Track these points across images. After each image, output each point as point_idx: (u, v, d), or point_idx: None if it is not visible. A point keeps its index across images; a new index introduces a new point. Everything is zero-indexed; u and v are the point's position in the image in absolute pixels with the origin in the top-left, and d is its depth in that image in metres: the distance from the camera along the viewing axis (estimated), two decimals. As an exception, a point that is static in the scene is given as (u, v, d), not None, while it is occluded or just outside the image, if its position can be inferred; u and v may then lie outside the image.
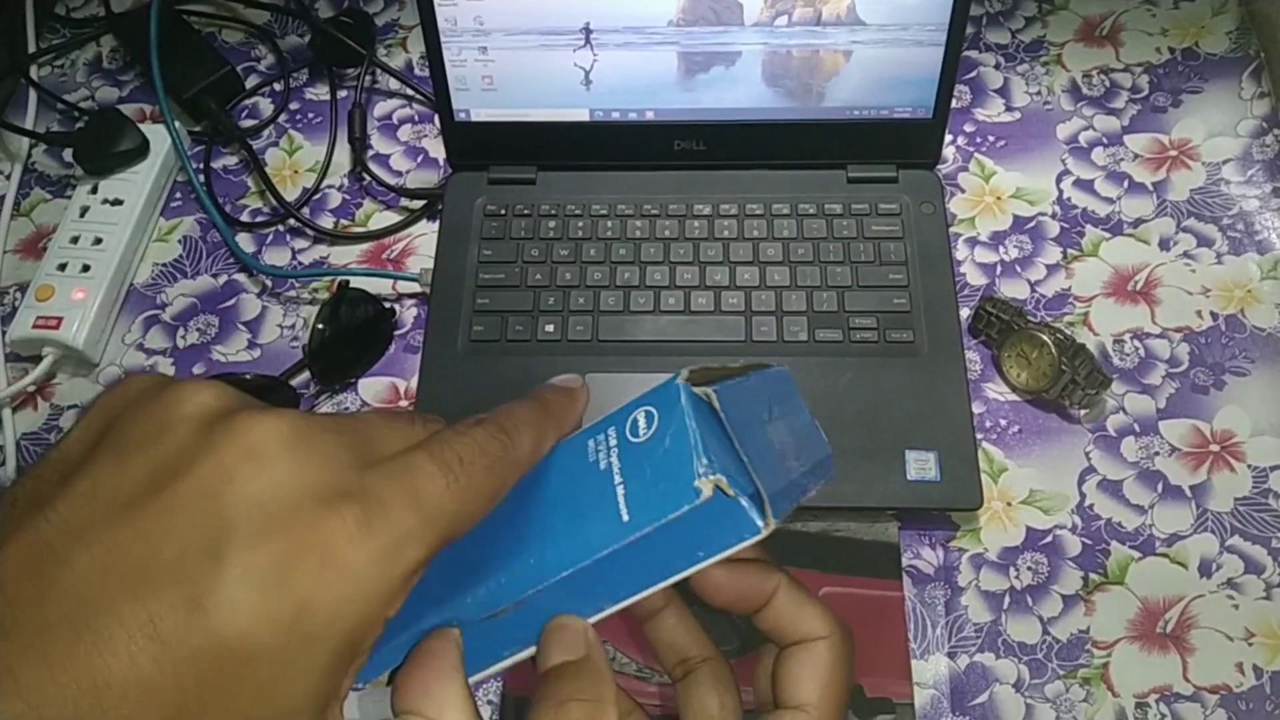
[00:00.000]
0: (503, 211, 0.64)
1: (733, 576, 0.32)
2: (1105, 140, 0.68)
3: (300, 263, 0.67)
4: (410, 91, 0.73)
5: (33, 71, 0.75)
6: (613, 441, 0.28)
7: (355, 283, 0.63)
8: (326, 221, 0.68)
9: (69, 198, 0.68)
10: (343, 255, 0.67)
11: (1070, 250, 0.64)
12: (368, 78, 0.73)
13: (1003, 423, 0.59)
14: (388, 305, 0.64)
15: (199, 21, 0.77)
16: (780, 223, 0.63)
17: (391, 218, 0.68)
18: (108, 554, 0.20)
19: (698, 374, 0.28)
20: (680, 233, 0.63)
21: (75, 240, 0.65)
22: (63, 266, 0.64)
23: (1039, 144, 0.68)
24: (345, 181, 0.70)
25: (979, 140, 0.69)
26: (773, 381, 0.30)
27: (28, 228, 0.70)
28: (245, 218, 0.69)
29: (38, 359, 0.63)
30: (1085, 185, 0.66)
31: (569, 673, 0.27)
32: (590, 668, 0.27)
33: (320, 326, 0.60)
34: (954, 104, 0.68)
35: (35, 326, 0.62)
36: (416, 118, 0.72)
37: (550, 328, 0.60)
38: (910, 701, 0.51)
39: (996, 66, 0.71)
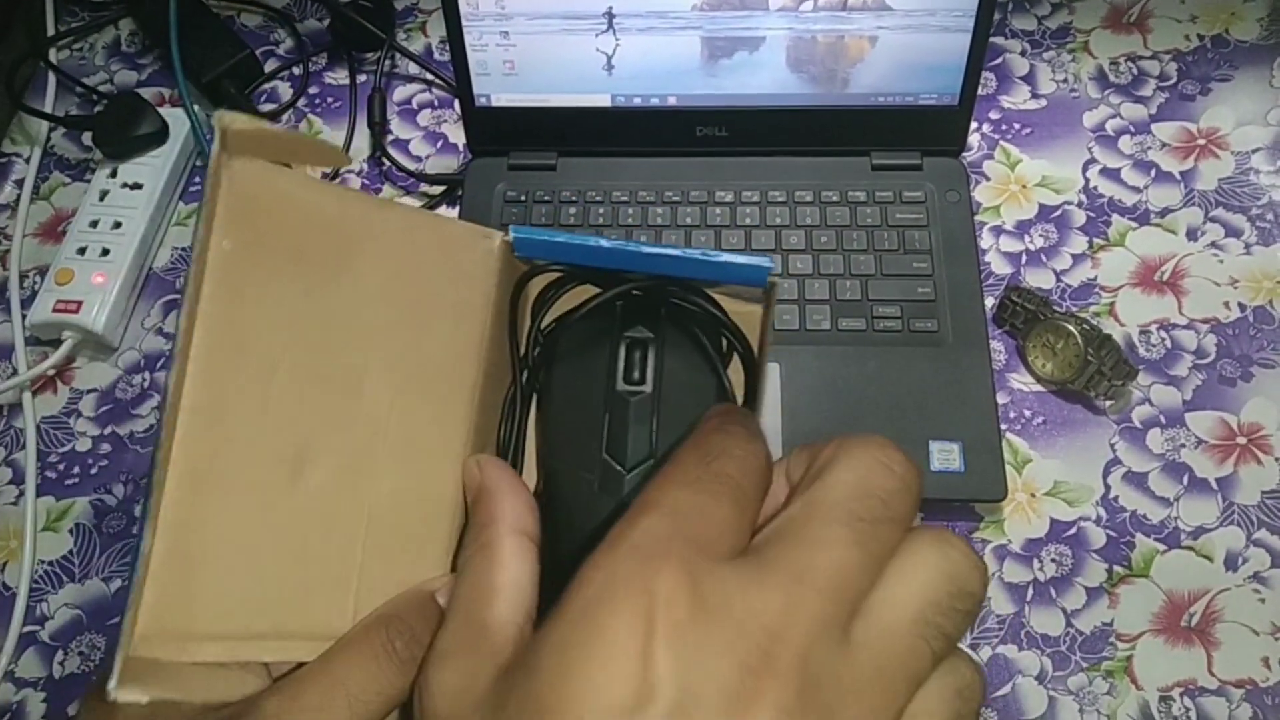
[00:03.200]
0: (523, 197, 0.64)
1: None
2: (1132, 129, 0.67)
3: (319, 248, 0.67)
4: (430, 76, 0.73)
5: (52, 55, 0.75)
6: None
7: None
8: (346, 207, 0.68)
9: (88, 181, 0.68)
10: (362, 241, 0.67)
11: (1096, 240, 0.63)
12: (387, 62, 0.72)
13: (1027, 413, 0.58)
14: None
15: (218, 5, 0.76)
16: (803, 210, 0.62)
17: (411, 203, 0.68)
18: None
19: None
20: (702, 220, 0.62)
21: (95, 224, 0.65)
22: (82, 250, 0.64)
23: (1065, 132, 0.67)
24: (364, 166, 0.70)
25: (1004, 128, 0.68)
26: None
27: (47, 211, 0.70)
28: (264, 202, 0.68)
29: (57, 343, 0.63)
30: (1112, 174, 0.65)
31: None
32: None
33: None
34: (979, 91, 0.67)
35: (55, 310, 0.62)
36: (436, 103, 0.72)
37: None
38: (932, 693, 0.51)
39: (1022, 53, 0.71)
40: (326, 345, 0.27)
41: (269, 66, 0.74)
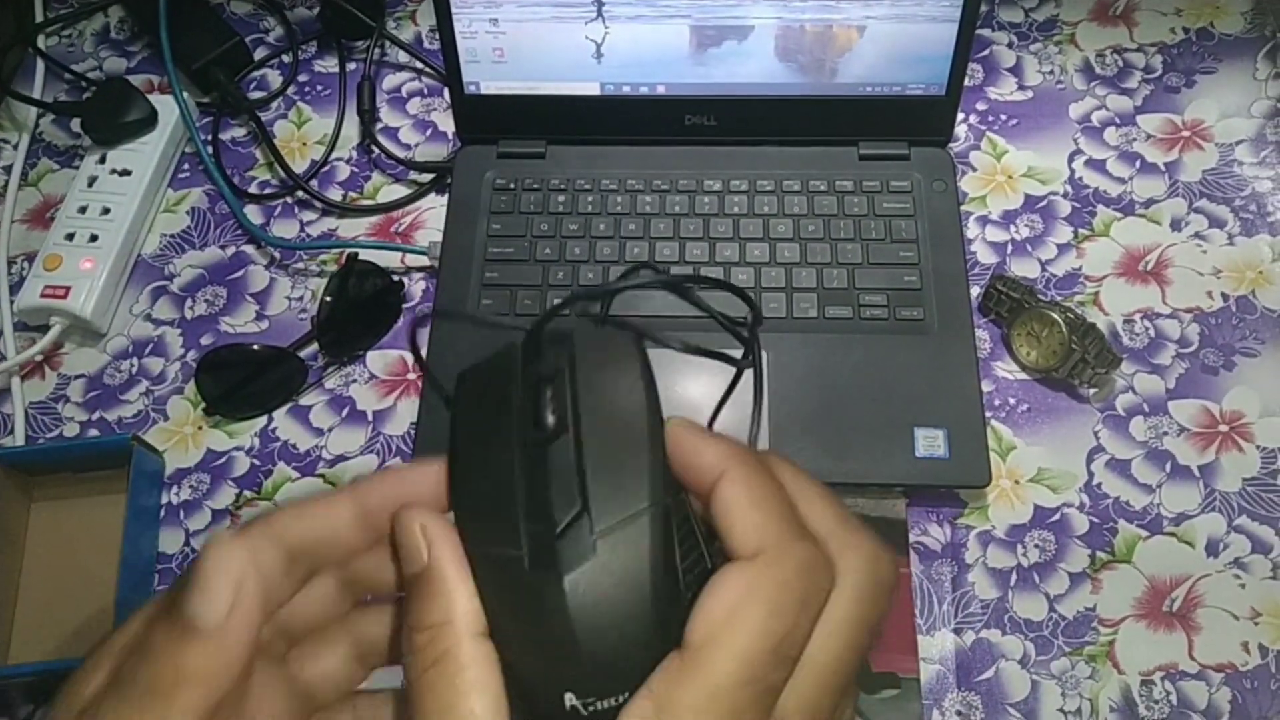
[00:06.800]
0: (512, 185, 0.64)
1: None
2: (1118, 120, 0.67)
3: (308, 235, 0.67)
4: (420, 64, 0.73)
5: (40, 41, 0.75)
6: None
7: (363, 255, 0.63)
8: (335, 194, 0.68)
9: (77, 168, 0.68)
10: (351, 228, 0.67)
11: (1081, 230, 0.64)
12: (377, 50, 0.72)
13: (1012, 401, 0.59)
14: (396, 278, 0.64)
15: (207, -8, 0.76)
16: (791, 199, 0.62)
17: (400, 191, 0.68)
18: None
19: None
20: (690, 208, 0.63)
21: (83, 210, 0.65)
22: (70, 236, 0.64)
23: (1051, 123, 0.68)
24: (354, 154, 0.70)
25: (991, 119, 0.68)
26: None
27: (35, 197, 0.70)
28: (253, 189, 0.69)
29: (45, 328, 0.63)
30: (1097, 165, 0.66)
31: None
32: None
33: (329, 299, 0.60)
34: (966, 82, 0.67)
35: (43, 296, 0.62)
36: (426, 91, 0.72)
37: (558, 302, 0.60)
38: (916, 676, 0.51)
39: (1009, 45, 0.71)
40: None
41: (259, 54, 0.74)
